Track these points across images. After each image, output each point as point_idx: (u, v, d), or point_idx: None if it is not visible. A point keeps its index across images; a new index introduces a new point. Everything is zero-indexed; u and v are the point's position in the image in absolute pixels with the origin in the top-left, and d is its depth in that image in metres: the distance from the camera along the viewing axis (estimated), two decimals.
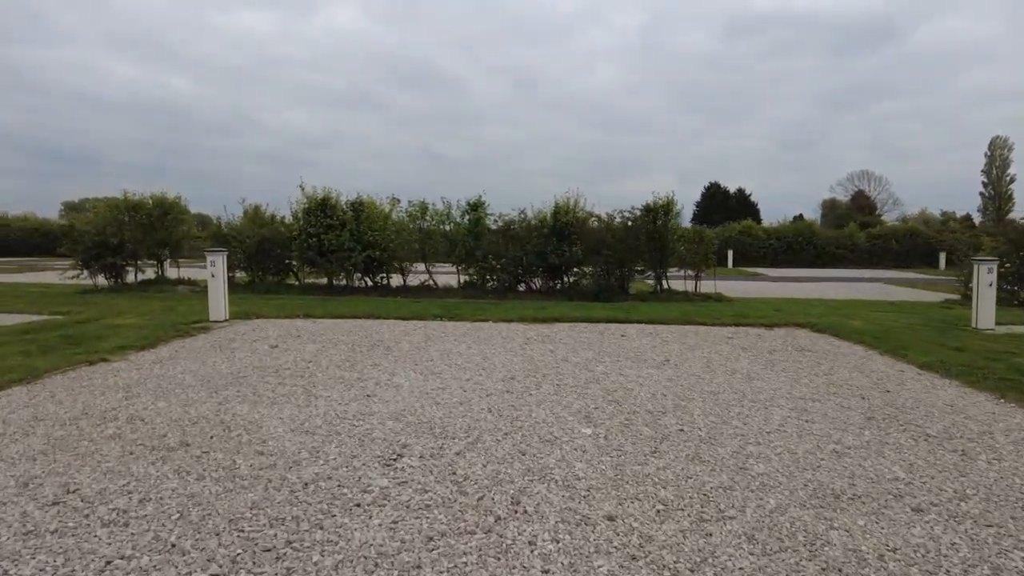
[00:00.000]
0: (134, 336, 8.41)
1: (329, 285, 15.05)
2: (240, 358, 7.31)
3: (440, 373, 6.64)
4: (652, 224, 13.73)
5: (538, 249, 13.94)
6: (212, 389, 5.85)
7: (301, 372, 6.60)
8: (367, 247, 14.28)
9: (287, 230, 15.15)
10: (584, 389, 6.02)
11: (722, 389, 6.10)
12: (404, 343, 8.43)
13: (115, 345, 7.77)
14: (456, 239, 14.46)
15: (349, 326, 9.87)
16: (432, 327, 9.88)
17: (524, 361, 7.32)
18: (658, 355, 7.80)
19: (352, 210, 14.64)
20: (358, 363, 7.09)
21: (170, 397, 5.56)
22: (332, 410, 5.20)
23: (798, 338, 9.23)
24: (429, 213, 14.80)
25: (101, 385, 5.97)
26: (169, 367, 6.79)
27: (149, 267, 16.25)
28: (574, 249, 13.66)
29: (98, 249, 14.47)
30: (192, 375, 6.42)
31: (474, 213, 14.47)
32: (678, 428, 4.84)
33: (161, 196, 15.43)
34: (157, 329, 9.06)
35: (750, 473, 3.94)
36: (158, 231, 15.27)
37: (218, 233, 15.68)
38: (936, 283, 23.04)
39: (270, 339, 8.63)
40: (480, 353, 7.77)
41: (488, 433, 4.65)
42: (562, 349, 8.10)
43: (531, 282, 14.79)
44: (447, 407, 5.34)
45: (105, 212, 15.09)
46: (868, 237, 39.25)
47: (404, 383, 6.18)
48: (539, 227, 14.22)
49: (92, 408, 5.19)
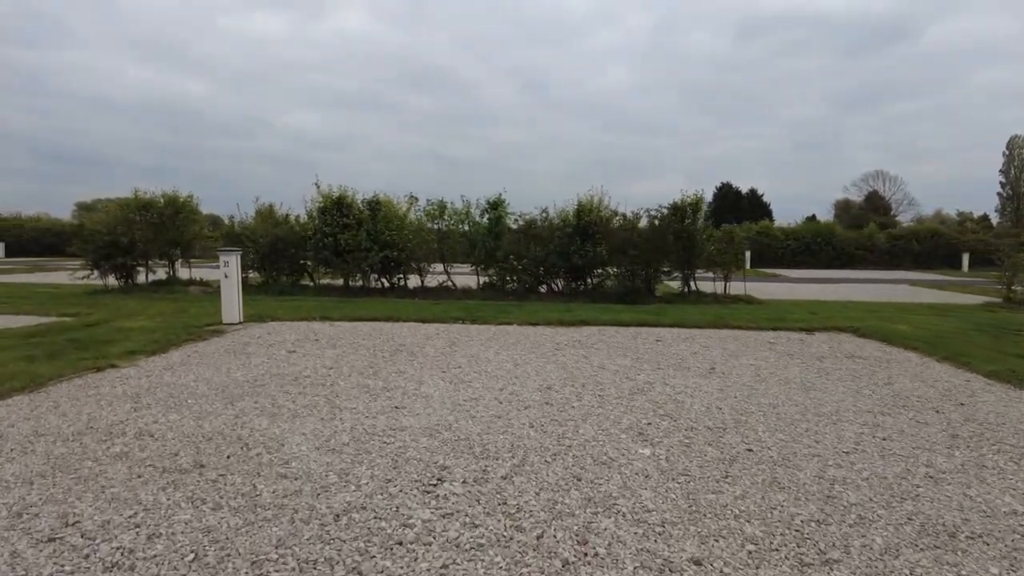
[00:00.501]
0: (144, 340, 8.00)
1: (345, 286, 14.61)
2: (256, 364, 6.87)
3: (470, 382, 6.17)
4: (680, 223, 13.20)
5: (561, 249, 13.43)
6: (228, 399, 5.40)
7: (322, 380, 6.15)
8: (384, 247, 13.84)
9: (302, 229, 14.74)
10: (630, 401, 5.53)
11: (780, 401, 5.59)
12: (428, 348, 7.96)
13: (124, 350, 7.35)
14: (476, 239, 13.99)
15: (368, 329, 9.42)
16: (455, 330, 9.42)
17: (558, 368, 6.83)
18: (701, 362, 7.30)
19: (369, 209, 14.19)
20: (382, 370, 6.63)
21: (182, 408, 5.12)
22: (359, 424, 4.74)
23: (844, 343, 8.69)
24: (447, 212, 14.32)
25: (108, 394, 5.54)
26: (181, 374, 6.36)
27: (160, 267, 15.86)
28: (598, 249, 13.15)
29: (108, 249, 14.11)
30: (206, 383, 5.98)
31: (494, 212, 13.98)
32: (745, 448, 4.34)
33: (173, 195, 15.05)
34: (168, 332, 8.64)
35: (841, 503, 3.45)
36: (169, 230, 14.89)
37: (231, 232, 15.27)
38: (966, 285, 22.37)
39: (287, 343, 8.19)
40: (510, 359, 7.29)
41: (534, 453, 4.17)
42: (597, 355, 7.61)
43: (553, 283, 14.29)
44: (484, 421, 4.86)
45: (116, 211, 14.71)
46: (888, 238, 38.51)
47: (434, 393, 5.71)
48: (562, 227, 13.71)
49: (98, 421, 4.75)
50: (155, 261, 15.55)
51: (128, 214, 14.60)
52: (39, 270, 25.88)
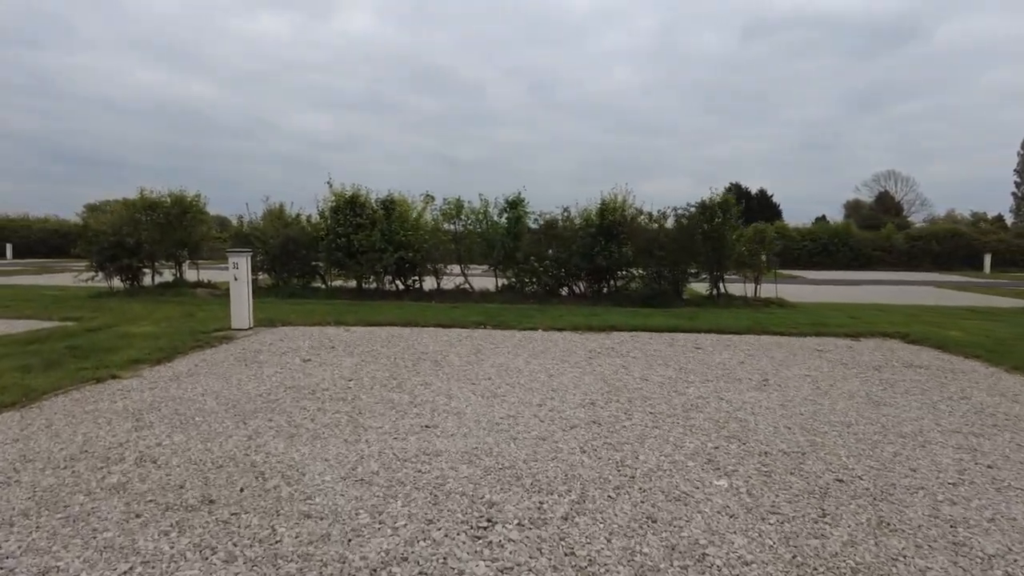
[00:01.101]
0: (149, 347, 7.48)
1: (358, 289, 14.07)
2: (269, 375, 6.33)
3: (504, 396, 5.61)
4: (708, 223, 12.60)
5: (584, 250, 12.85)
6: (239, 417, 4.86)
7: (342, 394, 5.60)
8: (399, 248, 13.28)
9: (313, 230, 14.21)
10: (686, 420, 4.95)
11: (852, 419, 5.01)
12: (452, 356, 7.41)
13: (127, 358, 6.83)
14: (494, 240, 13.41)
15: (386, 335, 8.88)
16: (478, 337, 8.86)
17: (597, 380, 6.27)
18: (750, 373, 6.71)
19: (383, 209, 13.63)
20: (406, 382, 6.08)
21: (189, 428, 4.58)
22: (388, 448, 4.19)
23: (897, 351, 8.09)
24: (464, 212, 13.75)
25: (108, 410, 5.01)
26: (188, 386, 5.83)
27: (167, 269, 15.34)
28: (624, 250, 12.55)
29: (113, 250, 13.60)
30: (214, 397, 5.44)
31: (513, 211, 13.40)
32: (833, 477, 3.77)
33: (180, 194, 14.52)
34: (174, 338, 8.13)
35: (975, 553, 2.87)
36: (176, 231, 14.36)
37: (240, 233, 14.73)
38: (993, 287, 21.70)
39: (301, 351, 7.65)
40: (543, 369, 6.73)
41: (594, 485, 3.60)
42: (636, 365, 7.04)
43: (575, 286, 13.70)
44: (527, 444, 4.31)
45: (121, 211, 14.21)
46: (906, 239, 37.76)
47: (466, 409, 5.16)
48: (584, 226, 13.12)
49: (94, 443, 4.21)
50: (161, 263, 15.03)
51: (134, 214, 14.10)
52: (46, 271, 25.51)
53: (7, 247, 39.98)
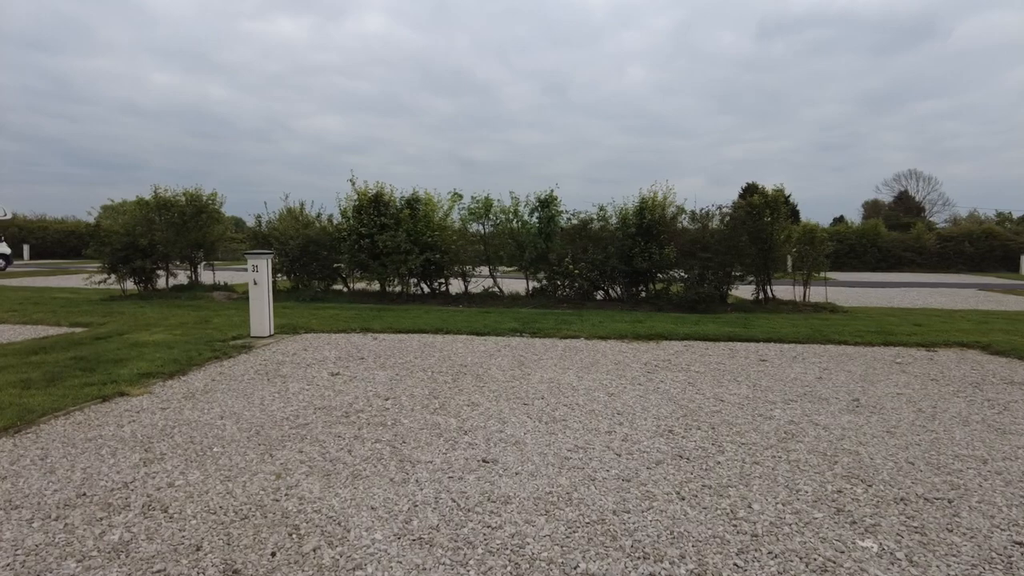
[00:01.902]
0: (161, 358, 6.83)
1: (382, 292, 13.37)
2: (295, 391, 5.65)
3: (565, 420, 4.89)
4: (755, 222, 11.79)
5: (622, 251, 12.07)
6: (265, 447, 4.17)
7: (379, 417, 4.90)
8: (425, 249, 12.59)
9: (335, 230, 13.53)
10: (787, 452, 4.20)
11: (984, 453, 4.23)
12: (494, 369, 6.69)
13: (137, 371, 6.18)
14: (525, 240, 12.66)
15: (418, 344, 8.17)
16: (517, 346, 8.14)
17: (665, 400, 5.52)
18: (834, 391, 5.93)
19: (407, 207, 12.93)
20: (450, 401, 5.37)
21: (206, 461, 3.89)
22: (444, 490, 3.48)
23: (985, 364, 7.27)
24: (493, 210, 13.01)
25: (113, 437, 4.34)
26: (204, 406, 5.15)
27: (181, 270, 14.73)
28: (665, 251, 11.75)
29: (126, 251, 13.00)
30: (235, 420, 4.76)
31: (545, 211, 12.63)
32: (1007, 538, 3.00)
33: (195, 192, 13.92)
34: (189, 348, 7.48)
35: None
36: (191, 231, 13.74)
37: (258, 233, 14.07)
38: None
39: (328, 362, 6.97)
40: (599, 386, 6.00)
41: (710, 548, 2.87)
42: (702, 381, 6.28)
43: (611, 289, 12.92)
44: (611, 487, 3.57)
45: (134, 211, 13.63)
46: (938, 239, 36.56)
47: (525, 438, 4.43)
48: (622, 226, 12.34)
49: (95, 483, 3.54)
50: (176, 264, 14.43)
51: (147, 214, 13.51)
52: (61, 273, 25.12)
53: (24, 248, 39.82)
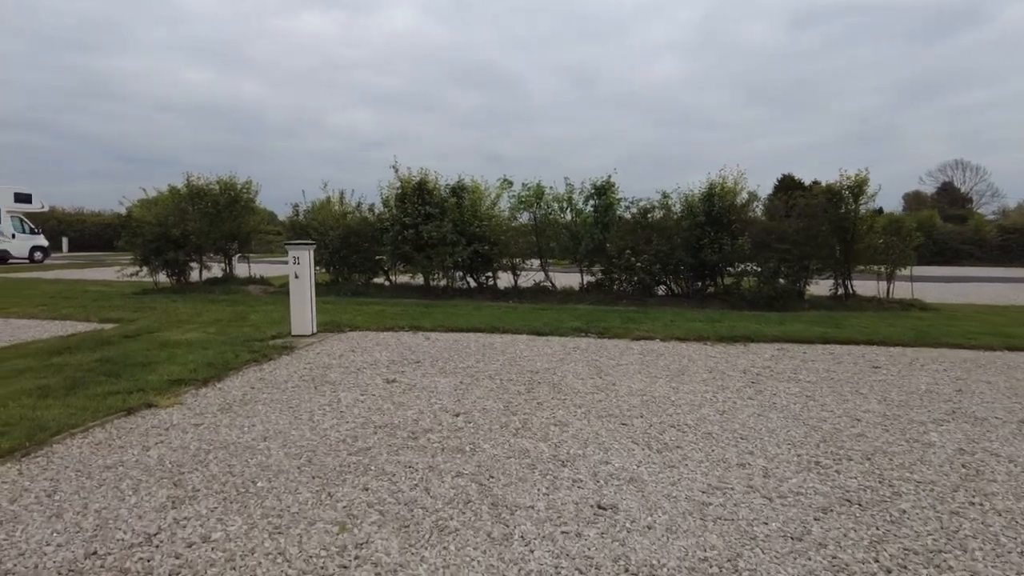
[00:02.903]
0: (194, 360, 6.08)
1: (426, 286, 12.53)
2: (348, 403, 4.82)
3: (678, 446, 3.98)
4: (837, 210, 10.68)
5: (688, 242, 11.04)
6: (320, 481, 3.34)
7: (454, 439, 4.04)
8: (472, 240, 11.73)
9: (377, 220, 12.71)
10: (987, 499, 3.23)
11: None
12: (570, 377, 5.80)
13: (167, 377, 5.42)
14: (580, 231, 11.68)
15: (476, 345, 7.32)
16: (587, 348, 7.23)
17: (789, 420, 4.57)
18: (986, 407, 4.91)
19: (453, 195, 12.06)
20: (532, 419, 4.49)
21: (249, 502, 3.08)
22: (562, 554, 2.60)
23: None
24: (545, 199, 12.07)
25: (136, 465, 3.55)
26: (244, 422, 4.36)
27: (215, 263, 14.04)
28: (738, 242, 10.70)
29: (158, 243, 12.37)
30: (281, 442, 3.94)
31: (602, 199, 11.63)
32: None
33: (229, 180, 13.21)
34: (225, 348, 6.73)
35: None
36: (225, 221, 13.03)
37: (296, 223, 13.31)
38: None
39: (380, 366, 6.14)
40: (703, 400, 5.06)
41: None
42: (820, 394, 5.31)
43: (675, 284, 11.91)
44: (780, 548, 2.66)
45: (166, 200, 12.98)
46: (999, 231, 34.61)
47: (640, 472, 3.53)
48: (687, 215, 11.30)
49: (110, 535, 2.74)
50: (209, 256, 13.75)
51: (180, 203, 12.86)
52: (96, 265, 24.92)
53: (63, 240, 40.30)
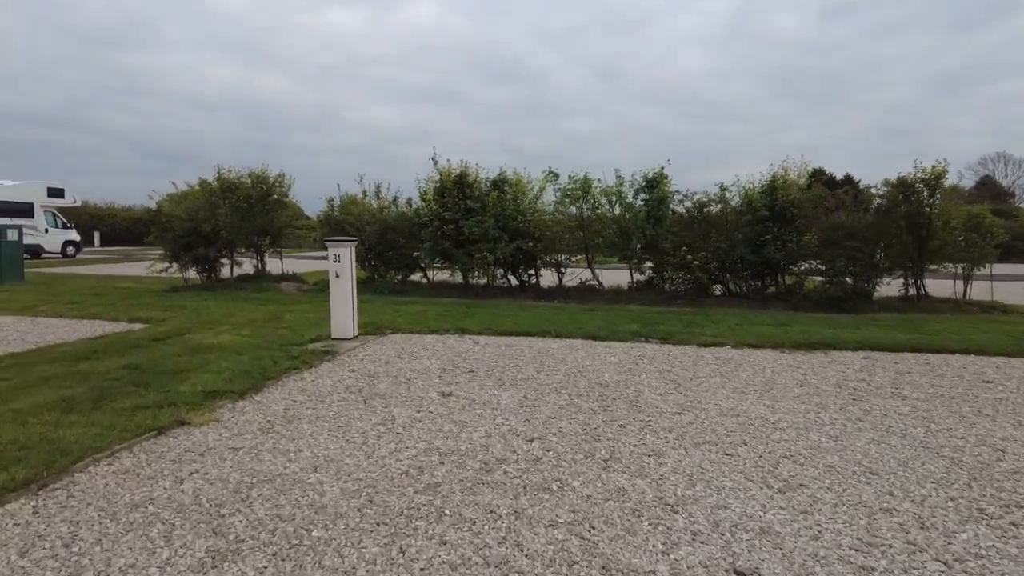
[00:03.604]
0: (229, 368, 5.56)
1: (465, 284, 11.94)
2: (404, 422, 4.25)
3: (803, 484, 3.33)
4: (911, 204, 9.85)
5: (750, 239, 10.29)
6: (387, 530, 2.76)
7: (535, 473, 3.43)
8: (515, 236, 11.10)
9: (415, 215, 12.13)
10: None
11: None
12: (646, 392, 5.16)
13: (200, 388, 4.90)
14: (631, 226, 10.96)
15: (530, 351, 6.70)
16: (653, 356, 6.58)
17: (919, 449, 3.88)
18: None
19: (495, 189, 11.45)
20: (619, 447, 3.86)
21: (305, 560, 2.51)
22: None
23: None
24: (592, 192, 11.39)
25: (168, 503, 3.00)
26: (288, 445, 3.80)
27: (246, 258, 13.57)
28: (805, 238, 9.92)
29: (188, 238, 11.96)
30: (334, 473, 3.37)
31: (654, 192, 10.92)
32: None
33: (261, 173, 12.79)
34: (261, 353, 6.21)
35: None
36: (257, 216, 12.58)
37: (331, 218, 12.78)
38: None
39: (431, 375, 5.56)
40: (807, 422, 4.40)
41: None
42: (940, 416, 4.59)
43: (733, 283, 11.17)
44: None
45: (196, 195, 12.54)
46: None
47: (771, 521, 2.89)
48: (746, 209, 10.53)
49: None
50: (240, 251, 13.29)
51: (210, 197, 12.43)
52: (127, 260, 24.90)
53: (95, 235, 40.69)
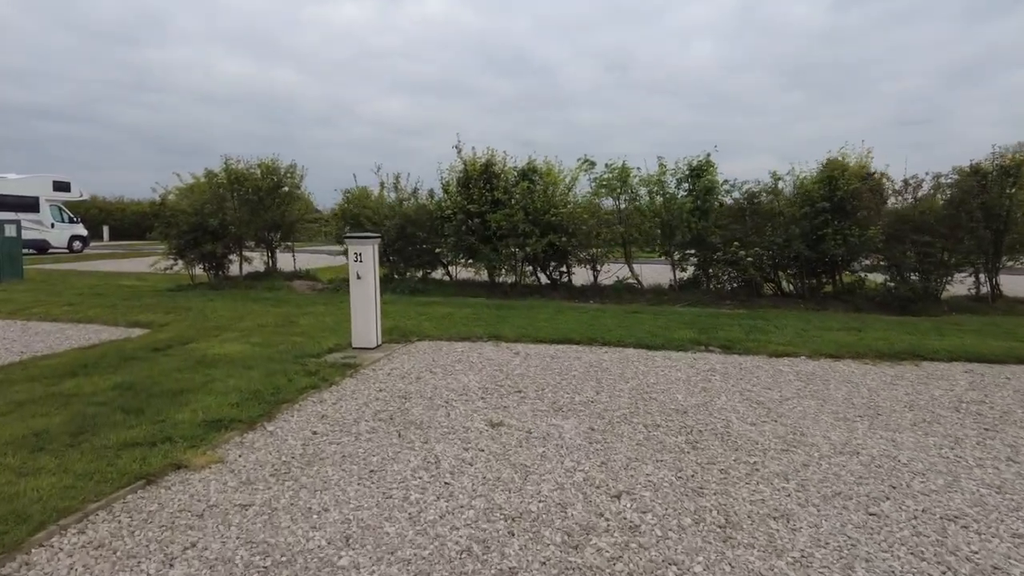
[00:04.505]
0: (238, 387, 4.74)
1: (491, 283, 11.06)
2: (450, 465, 3.41)
3: (997, 566, 2.45)
4: (987, 195, 8.88)
5: (806, 233, 9.35)
6: None
7: (641, 555, 2.59)
8: (546, 230, 10.20)
9: (437, 208, 11.18)
10: None
11: None
12: (734, 420, 4.29)
13: (203, 416, 4.08)
14: (675, 219, 9.99)
15: (580, 364, 5.83)
16: (724, 370, 5.70)
17: None
18: None
19: (524, 179, 10.56)
20: (731, 506, 3.01)
21: None
22: None
23: None
24: (631, 181, 10.48)
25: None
26: (311, 503, 2.98)
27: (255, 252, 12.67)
28: (870, 232, 8.97)
29: (194, 234, 11.14)
30: (371, 550, 2.54)
31: (699, 181, 9.98)
32: None
33: (272, 163, 11.96)
34: (274, 368, 5.39)
35: None
36: (268, 209, 11.76)
37: (347, 211, 11.84)
38: None
39: (472, 396, 4.72)
40: (947, 462, 3.53)
41: None
42: None
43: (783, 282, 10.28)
44: None
45: (202, 187, 11.68)
46: None
47: None
48: (801, 200, 9.55)
49: None
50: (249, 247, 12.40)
51: (218, 190, 11.58)
52: (134, 255, 24.20)
53: (104, 229, 40.29)
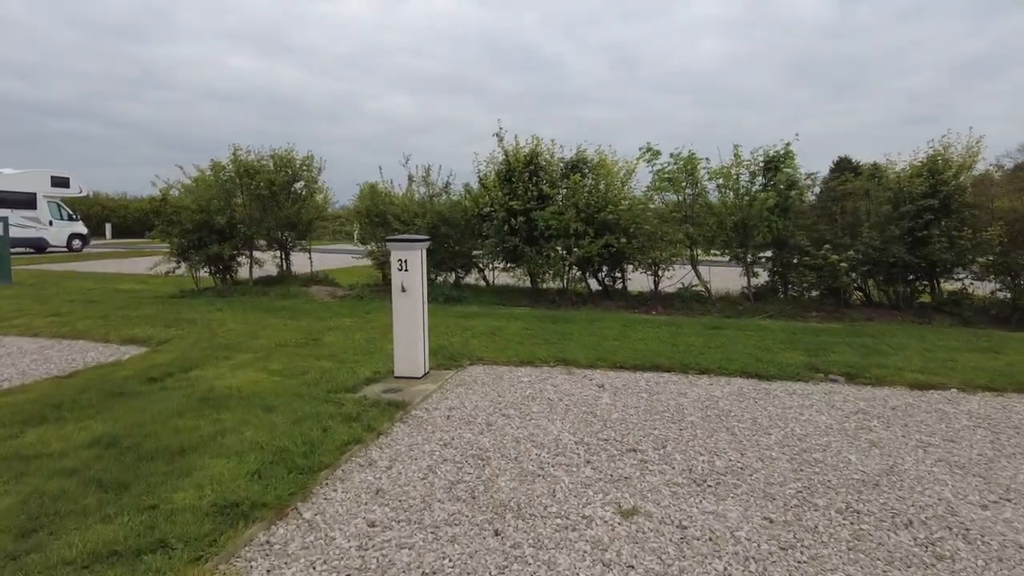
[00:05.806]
0: (256, 443, 3.53)
1: (534, 289, 9.78)
2: None
3: None
4: None
5: (908, 234, 8.10)
6: None
7: None
8: (601, 230, 8.89)
9: (473, 204, 9.87)
10: None
11: None
12: (960, 506, 3.07)
13: (210, 494, 2.88)
14: (753, 218, 8.65)
15: (691, 404, 4.58)
16: (876, 413, 4.46)
17: None
18: None
19: (573, 172, 9.30)
20: None
21: None
22: None
23: None
24: (699, 174, 9.17)
25: None
26: None
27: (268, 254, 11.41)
28: (987, 233, 7.66)
29: (200, 233, 9.95)
30: None
31: (777, 174, 8.65)
32: None
33: (287, 154, 10.73)
34: (301, 408, 4.17)
35: None
36: (282, 206, 10.55)
37: (371, 209, 10.55)
38: None
39: (569, 455, 3.49)
40: None
41: None
42: None
43: (876, 289, 9.01)
44: None
45: (208, 182, 10.42)
46: None
47: None
48: (903, 197, 8.21)
49: None
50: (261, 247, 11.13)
51: (225, 184, 10.33)
52: (136, 254, 23.06)
53: (107, 227, 39.49)
